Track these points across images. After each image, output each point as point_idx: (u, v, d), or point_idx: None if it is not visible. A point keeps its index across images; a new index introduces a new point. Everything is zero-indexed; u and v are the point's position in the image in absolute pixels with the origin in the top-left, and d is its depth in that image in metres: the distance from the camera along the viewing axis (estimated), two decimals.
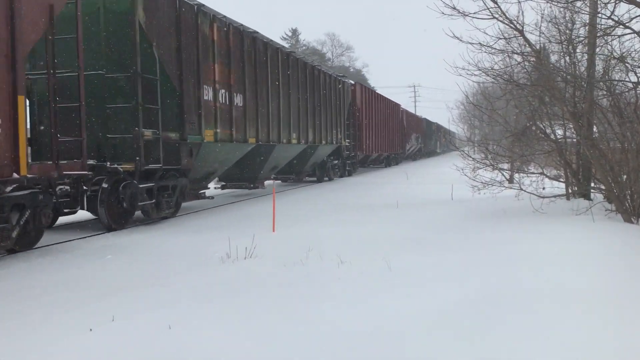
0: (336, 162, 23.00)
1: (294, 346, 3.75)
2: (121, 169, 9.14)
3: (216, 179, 14.92)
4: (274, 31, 79.18)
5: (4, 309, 4.89)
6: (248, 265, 6.20)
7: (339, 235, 8.02)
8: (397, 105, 36.33)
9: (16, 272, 6.37)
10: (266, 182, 17.28)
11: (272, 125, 14.45)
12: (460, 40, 9.27)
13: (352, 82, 25.79)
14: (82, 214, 9.91)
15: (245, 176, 15.21)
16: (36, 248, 7.85)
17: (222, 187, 15.55)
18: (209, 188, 12.85)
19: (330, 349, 3.70)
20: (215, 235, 8.47)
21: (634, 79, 8.73)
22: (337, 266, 5.93)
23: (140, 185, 9.54)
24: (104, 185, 9.01)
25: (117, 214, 9.39)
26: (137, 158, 9.24)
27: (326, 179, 21.87)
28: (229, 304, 4.78)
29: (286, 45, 29.44)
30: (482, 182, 10.77)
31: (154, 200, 9.99)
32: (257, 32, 13.58)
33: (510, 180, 12.90)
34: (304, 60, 17.99)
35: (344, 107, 22.75)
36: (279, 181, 20.25)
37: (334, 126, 21.07)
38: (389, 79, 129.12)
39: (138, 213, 10.19)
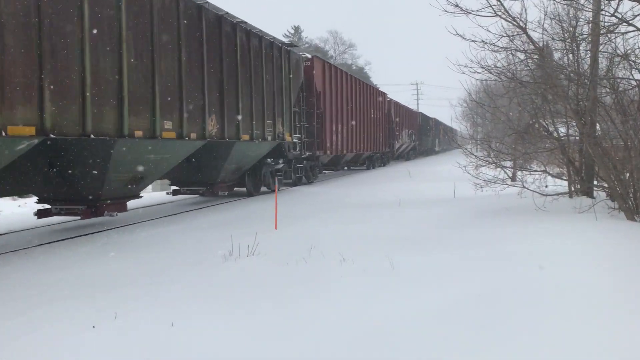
0: (282, 165, 16.20)
1: (295, 344, 3.76)
2: None
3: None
4: (277, 28, 79.14)
5: (8, 306, 4.90)
6: (250, 263, 6.20)
7: (341, 234, 8.01)
8: (381, 94, 30.00)
9: (20, 270, 6.39)
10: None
11: (98, 103, 7.84)
12: (463, 37, 9.25)
13: (308, 56, 18.69)
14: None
15: (75, 196, 8.85)
16: (39, 245, 7.87)
17: (38, 216, 8.99)
18: None
19: (332, 347, 3.70)
20: (218, 233, 8.48)
21: (637, 76, 8.71)
22: (339, 264, 5.93)
23: None
24: None
25: None
26: None
27: (264, 188, 15.47)
28: (231, 301, 4.78)
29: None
30: (484, 180, 10.76)
31: None
32: None
33: (513, 178, 12.88)
34: (197, 3, 10.67)
35: (290, 89, 15.86)
36: (193, 195, 14.19)
37: (271, 114, 14.31)
38: (392, 77, 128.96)
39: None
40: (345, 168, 27.99)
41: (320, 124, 19.19)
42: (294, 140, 16.74)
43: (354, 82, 23.75)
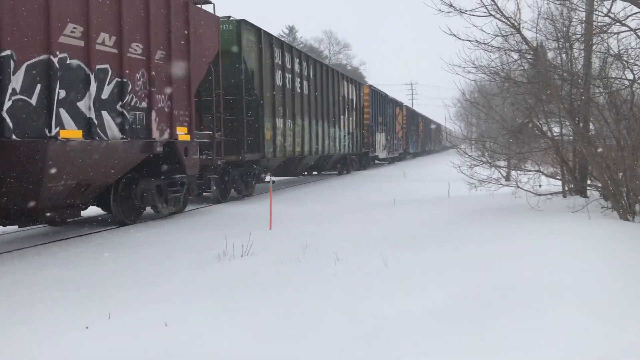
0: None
1: (288, 343, 3.76)
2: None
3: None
4: (272, 28, 78.93)
5: (2, 305, 4.88)
6: (244, 263, 6.20)
7: (336, 233, 8.02)
8: None
9: (14, 270, 6.36)
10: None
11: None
12: (457, 37, 9.27)
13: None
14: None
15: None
16: (34, 245, 7.86)
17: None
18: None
19: (325, 347, 3.70)
20: (212, 233, 8.47)
21: (630, 76, 8.75)
22: (333, 263, 5.93)
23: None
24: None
25: None
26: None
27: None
28: (225, 301, 4.78)
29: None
30: (478, 180, 10.79)
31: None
32: None
33: (507, 177, 12.92)
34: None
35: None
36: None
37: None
38: (387, 77, 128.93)
39: None
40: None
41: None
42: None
43: None
